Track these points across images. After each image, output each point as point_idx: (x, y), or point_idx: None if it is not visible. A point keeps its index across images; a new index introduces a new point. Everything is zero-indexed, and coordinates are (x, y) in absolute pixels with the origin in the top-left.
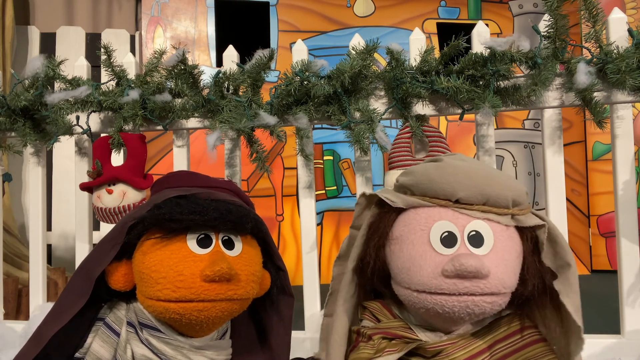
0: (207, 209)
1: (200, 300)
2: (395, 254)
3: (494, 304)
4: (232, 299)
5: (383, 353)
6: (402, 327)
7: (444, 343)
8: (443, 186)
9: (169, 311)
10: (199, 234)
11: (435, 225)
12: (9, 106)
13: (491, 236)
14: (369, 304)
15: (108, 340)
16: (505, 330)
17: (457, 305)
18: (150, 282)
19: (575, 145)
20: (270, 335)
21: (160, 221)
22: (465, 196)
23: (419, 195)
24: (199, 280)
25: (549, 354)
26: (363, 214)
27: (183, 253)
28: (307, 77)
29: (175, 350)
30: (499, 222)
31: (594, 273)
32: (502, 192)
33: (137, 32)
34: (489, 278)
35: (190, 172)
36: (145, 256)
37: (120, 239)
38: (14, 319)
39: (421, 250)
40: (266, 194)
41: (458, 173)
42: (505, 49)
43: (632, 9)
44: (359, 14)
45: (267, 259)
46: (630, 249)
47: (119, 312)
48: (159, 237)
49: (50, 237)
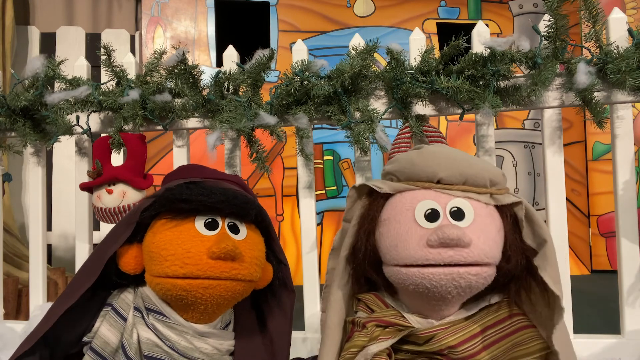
0: (214, 192)
1: (206, 277)
2: (384, 235)
3: (479, 277)
4: (236, 279)
5: (377, 340)
6: (395, 315)
7: (435, 329)
8: (425, 168)
9: (176, 287)
10: (207, 218)
11: (419, 204)
12: (9, 106)
13: (472, 211)
14: (363, 296)
15: (115, 325)
16: (495, 316)
17: (443, 278)
18: (159, 260)
19: (575, 145)
20: (270, 327)
21: (170, 201)
22: (445, 176)
23: (404, 180)
24: (205, 257)
25: (537, 338)
26: (354, 206)
27: (191, 233)
28: (307, 77)
29: (179, 336)
30: (479, 200)
31: (594, 273)
32: (480, 173)
33: (137, 32)
34: (471, 247)
35: (199, 165)
36: (155, 236)
37: (134, 220)
38: (14, 319)
39: (407, 227)
40: (266, 194)
41: (438, 156)
42: (505, 49)
43: (632, 9)
44: (359, 14)
45: (270, 252)
46: (630, 249)
47: (127, 298)
48: (169, 218)
49: (50, 237)
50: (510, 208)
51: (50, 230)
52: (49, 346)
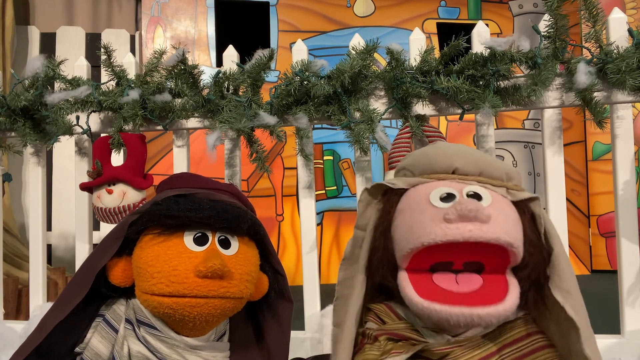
0: (203, 207)
1: (193, 296)
2: (398, 226)
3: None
4: (224, 297)
5: (390, 354)
6: (409, 328)
7: (451, 346)
8: (439, 159)
9: (162, 305)
10: (196, 232)
11: (434, 190)
12: (9, 106)
13: (489, 196)
14: (374, 306)
15: (106, 336)
16: (512, 334)
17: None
18: (145, 276)
19: (575, 145)
20: (267, 339)
21: (157, 217)
22: (461, 165)
23: (419, 174)
24: (192, 275)
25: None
26: (366, 211)
27: (179, 249)
28: (307, 77)
29: (170, 349)
30: (496, 192)
31: (594, 273)
32: (495, 165)
33: (137, 32)
34: (491, 222)
35: (192, 174)
36: (142, 251)
37: (121, 235)
38: (14, 319)
39: (422, 209)
40: (266, 194)
41: (452, 148)
42: (505, 49)
43: (632, 9)
44: (359, 14)
45: (265, 262)
46: (630, 249)
47: (118, 309)
48: (157, 233)
49: (50, 237)
50: (527, 204)
51: (50, 230)
52: (41, 357)
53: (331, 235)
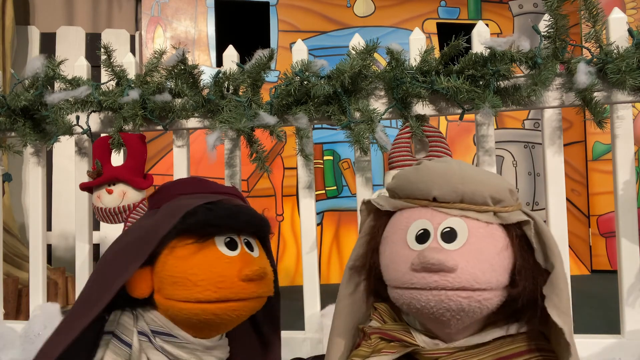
0: (237, 213)
1: (237, 300)
2: (383, 254)
3: (471, 300)
4: (261, 297)
5: (380, 353)
6: (402, 330)
7: (440, 351)
8: (419, 185)
9: (205, 312)
10: (225, 237)
11: (413, 224)
12: (9, 106)
13: (465, 232)
14: (379, 305)
15: (120, 352)
16: (510, 349)
17: (431, 300)
18: (187, 285)
19: (575, 145)
20: (264, 331)
21: (202, 227)
22: (439, 194)
23: (404, 197)
24: (237, 279)
25: None
26: (367, 220)
27: (217, 255)
28: (307, 77)
29: (190, 354)
30: (478, 220)
31: (594, 273)
32: (477, 189)
33: (137, 32)
34: (458, 272)
35: (198, 179)
36: (179, 260)
37: (148, 248)
38: (14, 319)
39: (398, 248)
40: (266, 194)
41: (432, 173)
42: (505, 49)
43: (632, 9)
44: (359, 14)
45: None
46: (630, 249)
47: (127, 323)
48: (193, 242)
49: (50, 237)
50: (517, 227)
51: (50, 230)
52: None
53: (331, 235)
